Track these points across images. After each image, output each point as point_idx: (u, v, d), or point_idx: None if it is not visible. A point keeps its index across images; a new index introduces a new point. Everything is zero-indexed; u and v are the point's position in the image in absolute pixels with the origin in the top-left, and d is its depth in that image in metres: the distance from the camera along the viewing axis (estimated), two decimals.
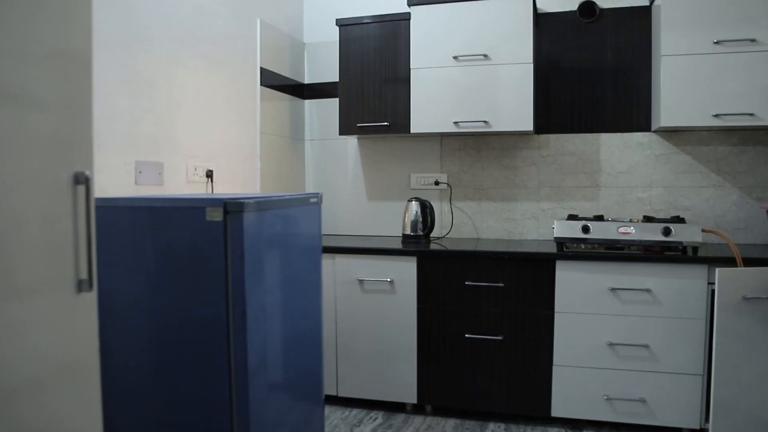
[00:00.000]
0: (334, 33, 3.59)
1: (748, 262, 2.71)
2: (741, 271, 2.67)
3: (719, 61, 2.95)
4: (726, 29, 2.93)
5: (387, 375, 3.17)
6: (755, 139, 3.29)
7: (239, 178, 3.22)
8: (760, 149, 3.29)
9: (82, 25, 1.41)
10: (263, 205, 2.02)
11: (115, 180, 2.37)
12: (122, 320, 2.01)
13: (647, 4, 3.36)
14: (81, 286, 1.42)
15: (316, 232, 2.47)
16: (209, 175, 2.95)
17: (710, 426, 2.69)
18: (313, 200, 2.43)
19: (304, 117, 3.93)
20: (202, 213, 1.93)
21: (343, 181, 3.89)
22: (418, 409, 3.22)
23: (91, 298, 1.45)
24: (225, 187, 3.09)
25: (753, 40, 2.90)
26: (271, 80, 3.47)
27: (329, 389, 3.23)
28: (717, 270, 2.63)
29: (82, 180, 1.40)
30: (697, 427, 2.85)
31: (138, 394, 2.02)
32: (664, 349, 2.84)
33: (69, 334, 1.39)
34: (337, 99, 3.57)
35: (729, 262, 2.73)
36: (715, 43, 2.94)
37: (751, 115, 2.92)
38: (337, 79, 3.58)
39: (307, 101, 3.93)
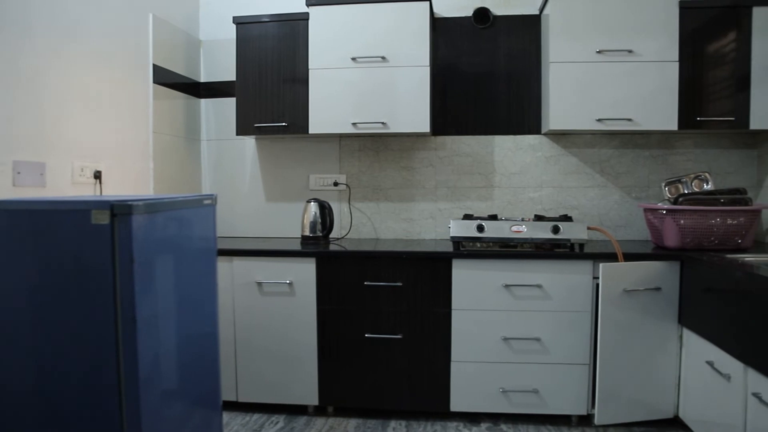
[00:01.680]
0: (232, 31, 3.49)
1: (628, 257, 2.91)
2: (622, 266, 2.85)
3: (601, 69, 3.14)
4: (607, 40, 3.12)
5: (288, 378, 3.13)
6: (634, 142, 3.52)
7: (131, 180, 3.08)
8: (638, 152, 3.53)
9: None
10: (154, 207, 1.94)
11: None
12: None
13: (537, 12, 3.52)
14: None
15: (210, 234, 2.40)
16: (97, 176, 2.80)
17: (596, 411, 2.86)
18: (207, 202, 2.36)
19: (200, 116, 3.81)
20: (87, 216, 1.83)
21: (241, 182, 3.80)
22: (319, 410, 3.20)
23: None
24: (115, 189, 2.95)
25: (630, 51, 3.11)
26: (164, 78, 3.35)
27: (229, 395, 3.15)
28: (601, 265, 2.80)
29: None
30: (585, 413, 3.01)
31: (20, 411, 1.89)
32: (554, 342, 2.99)
33: None
34: (235, 98, 3.49)
35: (611, 257, 2.90)
36: (598, 52, 3.12)
37: (629, 120, 3.13)
38: (234, 78, 3.49)
39: (203, 100, 3.81)
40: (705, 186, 3.23)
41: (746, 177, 3.47)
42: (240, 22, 3.40)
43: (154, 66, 3.24)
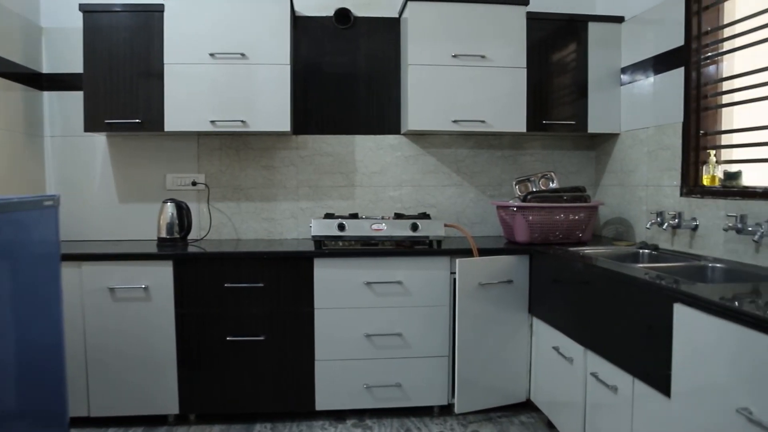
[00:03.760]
0: (78, 19, 3.23)
1: (483, 252, 3.05)
2: (477, 261, 2.99)
3: (457, 72, 3.27)
4: (462, 45, 3.26)
5: (146, 387, 2.98)
6: (487, 143, 3.71)
7: None
8: (492, 152, 3.72)
9: None
10: None
11: None
12: None
13: (396, 16, 3.60)
14: None
15: (52, 238, 2.23)
16: None
17: (456, 401, 2.99)
18: (48, 203, 2.19)
19: (42, 111, 3.51)
20: None
21: (90, 182, 3.55)
22: (181, 419, 3.08)
23: None
24: None
25: (483, 56, 3.27)
26: None
27: (79, 410, 2.93)
28: (457, 260, 2.93)
29: None
30: (446, 403, 3.14)
31: None
32: (415, 336, 3.08)
33: None
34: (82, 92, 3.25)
35: (467, 253, 3.04)
36: (453, 56, 3.25)
37: (483, 122, 3.29)
38: (82, 70, 3.24)
39: (46, 93, 3.52)
40: (551, 184, 3.47)
41: (586, 176, 3.78)
42: (87, 10, 3.17)
43: None
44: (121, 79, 3.20)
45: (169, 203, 3.33)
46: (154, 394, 2.99)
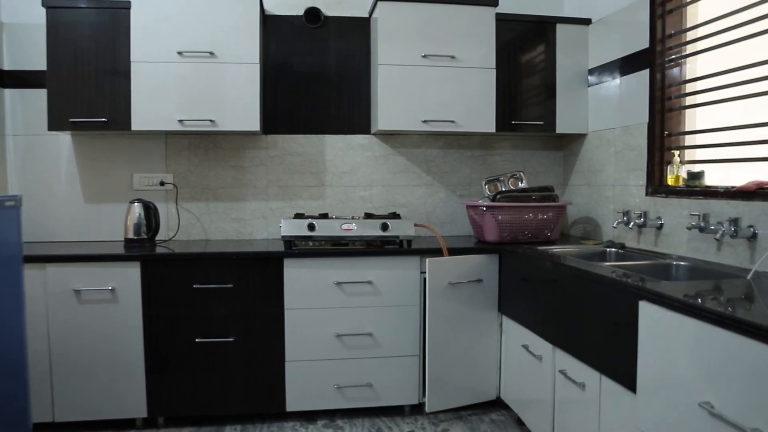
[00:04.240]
0: (41, 14, 3.16)
1: (453, 251, 3.07)
2: (447, 260, 3.01)
3: (427, 72, 3.28)
4: (432, 45, 3.27)
5: (113, 391, 2.93)
6: (457, 143, 3.74)
7: None
8: (461, 152, 3.75)
9: None
10: None
11: None
12: None
13: (367, 15, 3.60)
14: None
15: (14, 239, 2.18)
16: None
17: (426, 400, 3.00)
18: (9, 203, 2.14)
19: (4, 109, 3.43)
20: None
21: (55, 182, 3.48)
22: (149, 423, 3.03)
23: None
24: None
25: (453, 57, 3.29)
26: None
27: (43, 416, 2.87)
28: (427, 260, 2.94)
29: None
30: (416, 402, 3.15)
31: None
32: (385, 335, 3.08)
33: None
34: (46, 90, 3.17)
35: (437, 252, 3.05)
36: (423, 56, 3.26)
37: (452, 122, 3.31)
38: (45, 68, 3.17)
39: (7, 90, 3.43)
40: (520, 184, 3.50)
41: (554, 176, 3.82)
42: (51, 5, 3.10)
43: None
44: (87, 76, 3.14)
45: (136, 203, 3.27)
46: (121, 397, 2.94)
